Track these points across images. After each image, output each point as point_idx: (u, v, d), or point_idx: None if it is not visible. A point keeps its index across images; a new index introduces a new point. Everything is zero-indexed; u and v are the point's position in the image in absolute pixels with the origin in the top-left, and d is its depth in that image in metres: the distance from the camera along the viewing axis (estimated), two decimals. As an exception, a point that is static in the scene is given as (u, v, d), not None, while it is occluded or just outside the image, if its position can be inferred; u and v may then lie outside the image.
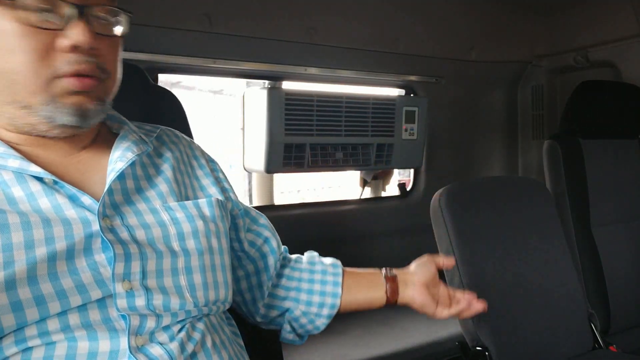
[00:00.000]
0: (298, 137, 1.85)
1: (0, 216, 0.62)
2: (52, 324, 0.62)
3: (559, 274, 1.48)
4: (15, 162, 0.66)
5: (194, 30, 1.58)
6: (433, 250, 1.38)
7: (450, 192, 1.37)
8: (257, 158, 1.83)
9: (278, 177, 2.33)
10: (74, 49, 0.65)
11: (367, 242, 2.20)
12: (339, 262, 0.98)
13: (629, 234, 1.72)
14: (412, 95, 2.24)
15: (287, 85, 1.95)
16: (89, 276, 0.64)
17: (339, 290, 0.94)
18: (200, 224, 0.77)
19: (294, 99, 1.83)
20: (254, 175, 2.29)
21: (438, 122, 2.29)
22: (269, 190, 2.32)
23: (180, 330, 0.70)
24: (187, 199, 0.80)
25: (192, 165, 0.87)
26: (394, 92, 2.28)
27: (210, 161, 0.91)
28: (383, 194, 2.50)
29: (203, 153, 0.91)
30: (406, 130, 2.10)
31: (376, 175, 2.39)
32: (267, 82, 1.90)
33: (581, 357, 1.43)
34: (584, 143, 1.70)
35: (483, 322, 1.29)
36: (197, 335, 0.72)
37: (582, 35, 2.10)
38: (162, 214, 0.74)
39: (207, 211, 0.80)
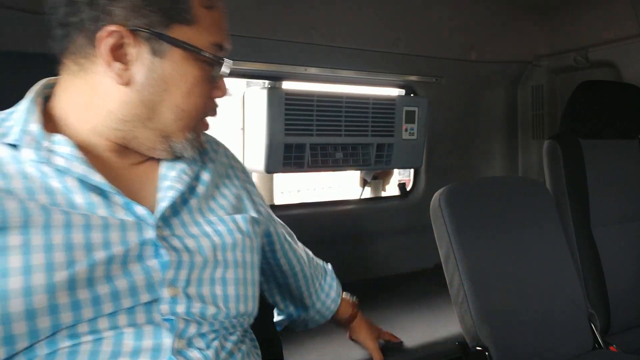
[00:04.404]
0: (298, 137, 1.85)
1: (66, 216, 0.64)
2: (102, 323, 0.65)
3: (559, 274, 1.48)
4: (80, 167, 0.68)
5: (194, 30, 1.58)
6: (433, 250, 1.38)
7: (450, 192, 1.37)
8: (257, 158, 1.83)
9: (278, 177, 2.33)
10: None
11: (367, 242, 2.20)
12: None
13: (629, 234, 1.72)
14: (412, 95, 2.23)
15: (287, 85, 1.94)
16: (141, 279, 0.68)
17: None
18: (239, 237, 0.80)
19: (294, 99, 1.82)
20: (254, 175, 2.29)
21: (438, 122, 2.29)
22: (269, 190, 2.33)
23: (214, 339, 0.74)
24: (227, 212, 0.83)
25: (229, 176, 0.89)
26: (394, 92, 2.28)
27: (242, 171, 0.94)
28: (383, 194, 2.49)
29: (236, 161, 0.94)
30: (406, 130, 2.10)
31: (376, 175, 2.39)
32: (267, 82, 1.90)
33: (581, 357, 1.43)
34: (584, 143, 1.70)
35: (483, 322, 1.30)
36: (228, 345, 0.77)
37: (582, 35, 2.10)
38: (205, 226, 0.77)
39: (243, 226, 0.82)
